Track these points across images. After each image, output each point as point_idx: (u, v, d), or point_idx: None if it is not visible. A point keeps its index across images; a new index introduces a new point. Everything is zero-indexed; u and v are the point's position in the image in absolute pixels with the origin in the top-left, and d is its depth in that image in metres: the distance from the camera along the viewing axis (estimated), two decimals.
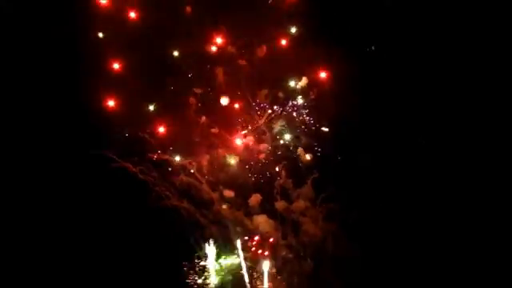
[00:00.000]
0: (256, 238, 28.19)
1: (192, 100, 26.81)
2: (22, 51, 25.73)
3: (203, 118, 27.09)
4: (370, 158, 27.92)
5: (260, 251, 28.04)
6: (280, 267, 28.76)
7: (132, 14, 25.41)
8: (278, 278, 28.13)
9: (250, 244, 28.18)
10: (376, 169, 28.13)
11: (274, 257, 28.54)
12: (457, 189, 27.61)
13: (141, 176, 26.87)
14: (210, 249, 27.88)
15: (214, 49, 26.31)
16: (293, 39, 27.15)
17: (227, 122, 27.56)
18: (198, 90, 26.93)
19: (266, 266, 27.57)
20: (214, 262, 27.79)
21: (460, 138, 27.88)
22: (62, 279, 25.42)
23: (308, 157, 28.45)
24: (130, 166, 26.46)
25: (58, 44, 25.50)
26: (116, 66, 25.62)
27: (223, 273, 27.89)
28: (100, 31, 25.31)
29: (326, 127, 29.00)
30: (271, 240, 28.17)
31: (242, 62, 26.98)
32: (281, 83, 27.75)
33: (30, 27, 25.30)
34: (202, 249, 27.89)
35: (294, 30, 27.17)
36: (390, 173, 28.19)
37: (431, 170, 27.98)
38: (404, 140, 28.36)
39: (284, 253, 28.98)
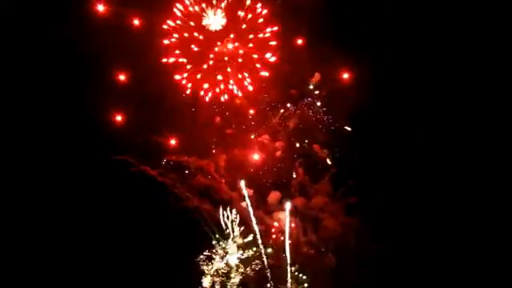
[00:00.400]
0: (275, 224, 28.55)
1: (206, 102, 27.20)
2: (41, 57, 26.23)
3: (218, 119, 27.43)
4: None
5: (282, 238, 28.23)
6: (302, 263, 29.10)
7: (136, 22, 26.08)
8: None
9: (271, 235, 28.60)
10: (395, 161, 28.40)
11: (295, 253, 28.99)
12: (474, 180, 27.70)
13: (160, 178, 27.23)
14: (231, 245, 28.13)
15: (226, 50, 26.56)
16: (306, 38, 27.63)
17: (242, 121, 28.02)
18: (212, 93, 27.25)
19: (287, 206, 27.58)
20: (235, 258, 27.98)
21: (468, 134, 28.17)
22: (87, 274, 26.12)
23: (324, 153, 28.90)
24: (149, 169, 26.83)
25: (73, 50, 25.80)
26: (121, 77, 26.30)
27: (245, 270, 28.10)
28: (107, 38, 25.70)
29: (343, 124, 29.21)
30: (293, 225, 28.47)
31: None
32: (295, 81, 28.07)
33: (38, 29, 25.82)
34: (223, 246, 28.06)
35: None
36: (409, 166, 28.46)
37: (448, 164, 28.10)
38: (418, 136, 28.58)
39: (305, 249, 29.37)
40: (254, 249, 27.95)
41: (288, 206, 27.56)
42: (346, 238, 28.93)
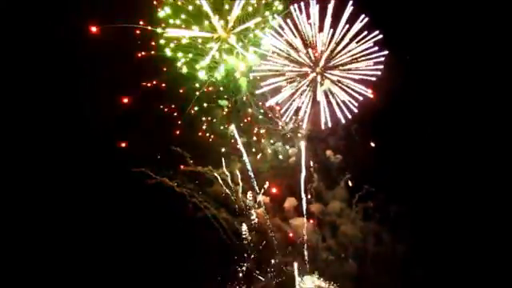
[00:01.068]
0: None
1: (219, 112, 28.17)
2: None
3: (231, 129, 28.22)
4: None
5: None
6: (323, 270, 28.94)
7: None
8: None
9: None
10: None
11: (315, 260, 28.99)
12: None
13: (177, 189, 27.80)
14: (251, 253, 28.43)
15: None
16: None
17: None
18: (223, 102, 28.26)
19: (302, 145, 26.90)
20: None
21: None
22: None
23: (338, 158, 29.28)
24: (167, 180, 27.46)
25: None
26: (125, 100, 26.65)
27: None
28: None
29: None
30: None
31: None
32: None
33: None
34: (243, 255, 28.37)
35: None
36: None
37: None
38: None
39: (325, 255, 29.21)
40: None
41: (302, 145, 26.75)
42: (365, 243, 28.89)
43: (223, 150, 28.51)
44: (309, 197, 29.01)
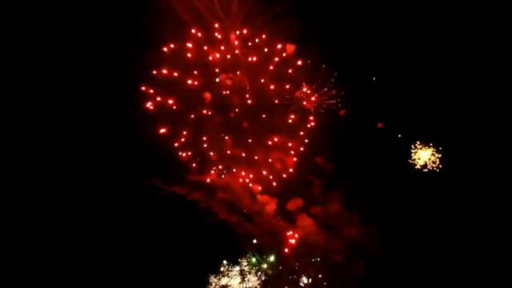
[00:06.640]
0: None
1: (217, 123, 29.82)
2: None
3: (227, 139, 29.86)
4: None
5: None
6: (332, 271, 29.94)
7: None
8: None
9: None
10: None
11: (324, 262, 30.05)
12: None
13: (189, 196, 29.83)
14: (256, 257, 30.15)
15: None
16: None
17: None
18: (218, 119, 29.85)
19: None
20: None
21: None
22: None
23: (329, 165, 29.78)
24: (177, 188, 29.63)
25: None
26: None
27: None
28: None
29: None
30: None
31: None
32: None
33: None
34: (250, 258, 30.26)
35: None
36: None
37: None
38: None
39: (334, 257, 29.99)
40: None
41: None
42: (371, 245, 29.42)
43: None
44: None
